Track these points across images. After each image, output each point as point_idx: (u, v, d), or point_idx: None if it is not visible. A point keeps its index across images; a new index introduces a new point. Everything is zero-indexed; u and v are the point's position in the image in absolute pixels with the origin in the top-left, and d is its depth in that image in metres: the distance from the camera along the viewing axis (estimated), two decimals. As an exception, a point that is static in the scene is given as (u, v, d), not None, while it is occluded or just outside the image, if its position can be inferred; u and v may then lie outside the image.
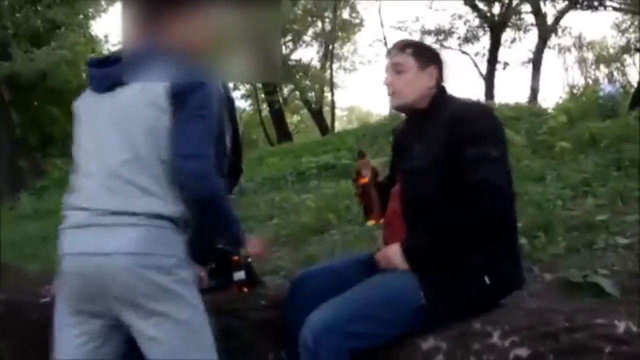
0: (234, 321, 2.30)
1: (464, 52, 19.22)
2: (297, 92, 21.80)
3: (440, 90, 1.99)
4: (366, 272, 1.88)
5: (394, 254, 1.84)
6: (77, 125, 1.62)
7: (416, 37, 17.82)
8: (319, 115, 21.65)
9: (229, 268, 2.57)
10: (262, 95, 22.08)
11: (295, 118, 29.64)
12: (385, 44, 17.72)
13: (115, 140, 1.51)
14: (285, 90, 24.38)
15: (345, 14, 21.54)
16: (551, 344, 1.61)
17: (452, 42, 19.23)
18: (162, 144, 1.49)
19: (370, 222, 2.10)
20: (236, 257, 2.54)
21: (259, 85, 22.10)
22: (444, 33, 18.90)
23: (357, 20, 21.74)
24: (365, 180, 2.10)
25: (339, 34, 21.09)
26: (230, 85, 25.03)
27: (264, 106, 23.19)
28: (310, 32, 21.19)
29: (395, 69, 1.97)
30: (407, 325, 1.76)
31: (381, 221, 2.10)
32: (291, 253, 4.90)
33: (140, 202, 1.47)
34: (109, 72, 1.56)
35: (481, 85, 18.02)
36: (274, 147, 15.25)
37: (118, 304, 1.47)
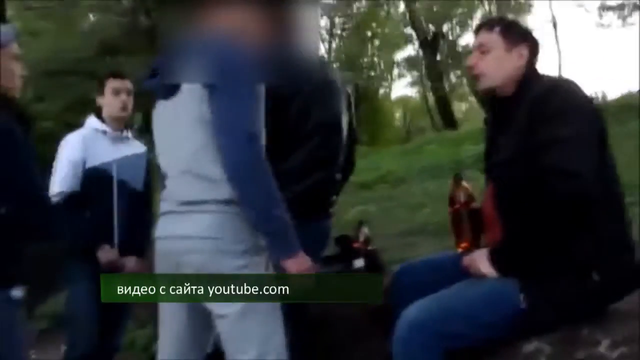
0: (348, 308, 2.36)
1: (652, 28, 17.29)
2: (465, 79, 21.22)
3: (529, 72, 1.82)
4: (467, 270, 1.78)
5: (480, 259, 1.72)
6: (154, 134, 1.73)
7: (594, 14, 16.39)
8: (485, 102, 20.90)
9: (349, 255, 2.64)
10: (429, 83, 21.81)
11: (464, 105, 28.88)
12: (554, 25, 16.45)
13: (180, 139, 1.59)
14: (453, 77, 23.84)
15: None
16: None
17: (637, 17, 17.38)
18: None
19: (459, 249, 1.97)
20: (356, 244, 2.60)
21: (425, 72, 21.88)
22: (627, 8, 17.11)
23: (524, 0, 20.53)
24: (458, 206, 1.98)
25: (508, 15, 20.04)
26: (395, 72, 24.99)
27: (430, 94, 22.89)
28: (477, 14, 20.44)
29: (480, 49, 1.83)
30: (506, 329, 1.67)
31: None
32: (438, 242, 4.85)
33: (209, 191, 1.54)
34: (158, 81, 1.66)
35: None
36: (434, 136, 15.04)
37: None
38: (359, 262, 2.57)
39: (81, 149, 2.65)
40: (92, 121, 2.77)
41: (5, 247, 1.69)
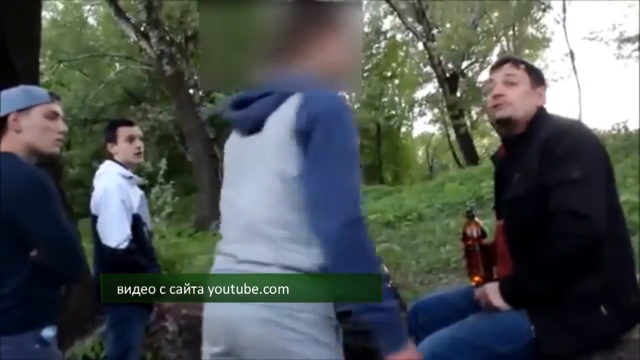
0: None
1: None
2: (486, 115, 21.24)
3: (540, 112, 1.90)
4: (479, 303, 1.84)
5: (491, 293, 1.77)
6: (225, 171, 1.53)
7: (613, 46, 16.41)
8: (508, 137, 20.82)
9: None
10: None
11: (486, 141, 28.83)
12: (572, 58, 16.47)
13: (253, 189, 1.38)
14: (474, 113, 23.89)
15: (532, 30, 20.64)
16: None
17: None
18: (295, 190, 1.32)
19: (473, 283, 2.02)
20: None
21: (446, 109, 21.97)
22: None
23: (541, 35, 20.68)
24: (470, 241, 2.05)
25: (526, 51, 20.17)
26: (416, 110, 24.99)
27: (452, 130, 22.93)
28: (495, 51, 20.60)
29: (508, 80, 1.91)
30: (518, 358, 1.70)
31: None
32: (459, 278, 4.86)
33: (274, 253, 1.33)
34: (249, 113, 1.41)
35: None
36: (455, 172, 15.04)
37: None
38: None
39: (127, 196, 2.69)
40: (115, 167, 2.80)
41: (36, 289, 1.78)
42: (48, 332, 1.80)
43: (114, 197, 2.64)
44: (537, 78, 1.93)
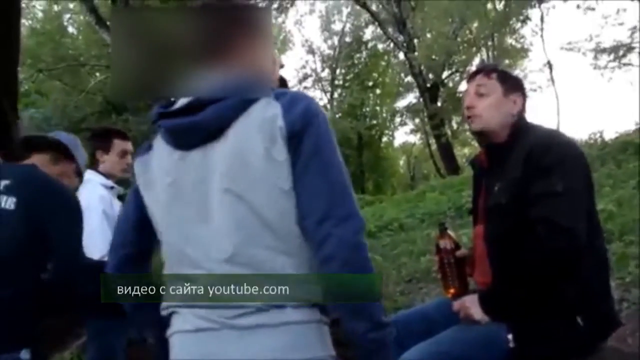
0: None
1: (649, 69, 17.47)
2: (466, 125, 21.43)
3: (520, 121, 1.91)
4: (458, 315, 1.84)
5: (471, 305, 1.78)
6: (155, 195, 1.28)
7: (590, 56, 16.72)
8: (488, 146, 21.02)
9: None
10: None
11: (467, 150, 29.09)
12: (550, 68, 16.76)
13: (228, 210, 1.17)
14: (454, 123, 24.12)
15: (511, 40, 20.93)
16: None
17: (633, 58, 17.59)
18: (290, 206, 1.16)
19: (448, 295, 2.03)
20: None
21: (427, 119, 22.16)
22: (622, 49, 17.34)
23: (520, 46, 20.98)
24: (444, 254, 2.05)
25: (506, 61, 20.42)
26: (397, 119, 25.10)
27: (433, 140, 23.11)
28: (475, 61, 20.84)
29: (478, 92, 1.92)
30: None
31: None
32: (438, 289, 4.90)
33: (284, 290, 1.16)
34: (204, 119, 1.19)
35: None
36: (436, 182, 15.17)
37: None
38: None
39: (110, 206, 2.69)
40: (98, 177, 2.80)
41: (29, 312, 1.76)
42: (25, 356, 1.76)
43: (97, 208, 2.64)
44: (511, 86, 1.93)
